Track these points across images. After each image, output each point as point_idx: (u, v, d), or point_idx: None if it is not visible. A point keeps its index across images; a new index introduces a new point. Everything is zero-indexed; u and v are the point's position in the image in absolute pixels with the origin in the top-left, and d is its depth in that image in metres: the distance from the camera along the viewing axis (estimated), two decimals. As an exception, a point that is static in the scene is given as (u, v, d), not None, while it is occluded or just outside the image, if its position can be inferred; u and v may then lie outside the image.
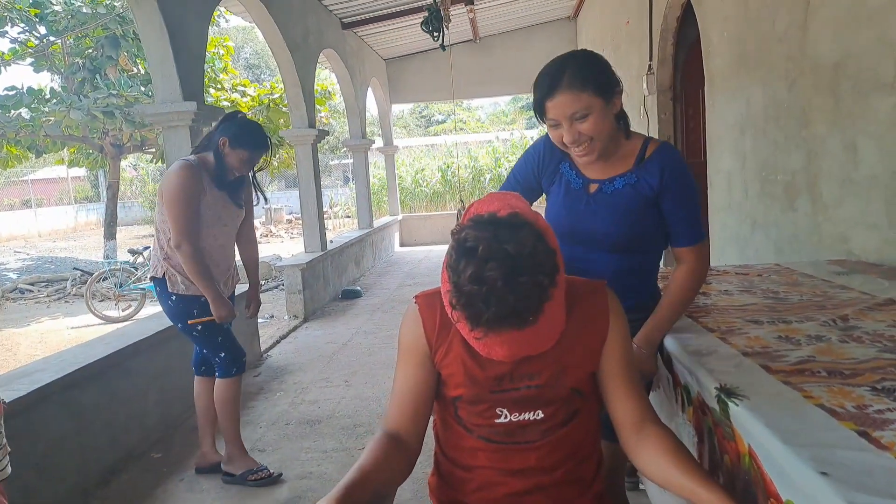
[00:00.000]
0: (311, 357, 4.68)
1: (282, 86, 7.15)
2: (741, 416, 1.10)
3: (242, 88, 10.42)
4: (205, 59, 4.30)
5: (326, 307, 6.50)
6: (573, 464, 1.20)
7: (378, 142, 11.14)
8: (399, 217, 11.65)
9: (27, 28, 10.02)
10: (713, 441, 1.30)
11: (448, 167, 15.25)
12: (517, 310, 0.96)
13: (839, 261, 2.50)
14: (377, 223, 9.94)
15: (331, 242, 7.37)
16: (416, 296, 1.24)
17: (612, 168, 1.55)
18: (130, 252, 8.51)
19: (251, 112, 10.07)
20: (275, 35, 5.76)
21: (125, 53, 9.92)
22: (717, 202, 4.19)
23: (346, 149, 9.81)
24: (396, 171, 12.14)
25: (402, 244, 11.66)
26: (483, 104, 31.50)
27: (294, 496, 2.62)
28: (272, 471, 2.76)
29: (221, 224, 2.67)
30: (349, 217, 18.41)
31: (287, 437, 3.20)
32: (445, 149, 18.97)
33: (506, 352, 1.03)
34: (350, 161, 13.74)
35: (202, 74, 4.17)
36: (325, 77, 12.13)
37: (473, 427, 1.18)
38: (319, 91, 10.52)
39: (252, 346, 4.60)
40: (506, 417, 1.16)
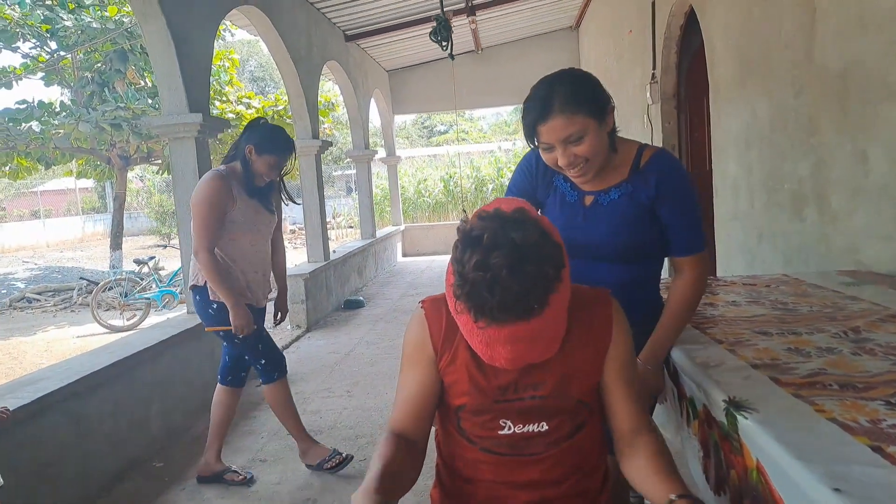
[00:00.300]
0: (314, 367, 4.65)
1: (286, 98, 7.19)
2: (750, 430, 1.07)
3: (247, 101, 10.49)
4: (210, 72, 4.33)
5: (329, 317, 6.48)
6: (579, 476, 1.18)
7: (381, 152, 11.17)
8: (402, 227, 11.65)
9: (38, 43, 10.15)
10: (720, 455, 1.27)
11: (450, 177, 15.26)
12: (522, 298, 0.94)
13: (849, 271, 2.46)
14: (380, 233, 9.95)
15: (334, 252, 7.37)
16: (423, 300, 1.23)
17: (607, 179, 1.52)
18: (136, 262, 8.55)
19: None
20: (279, 48, 5.80)
21: (133, 67, 10.02)
22: (723, 212, 4.17)
23: (349, 159, 9.83)
24: (399, 182, 12.16)
25: (405, 254, 11.66)
26: (485, 114, 31.60)
27: (296, 508, 2.59)
28: (343, 454, 2.86)
29: (256, 230, 2.71)
30: (352, 227, 18.43)
31: (289, 448, 3.17)
32: (448, 159, 19.01)
33: (508, 353, 1.00)
34: (353, 172, 13.77)
35: (208, 87, 4.19)
36: (329, 89, 12.20)
37: (476, 439, 1.16)
38: (323, 102, 10.57)
39: (255, 357, 4.58)
40: (509, 429, 1.14)
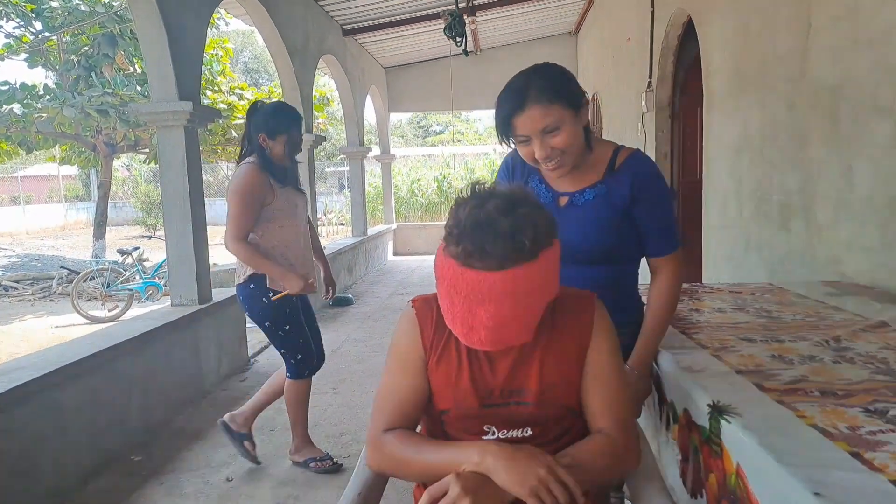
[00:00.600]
0: (299, 363, 4.62)
1: (280, 90, 7.14)
2: (733, 434, 1.09)
3: (240, 92, 10.40)
4: (202, 60, 4.28)
5: (317, 314, 6.42)
6: None
7: (375, 150, 11.13)
8: (393, 226, 11.62)
9: (23, 23, 9.98)
10: (699, 460, 1.29)
11: (444, 178, 15.26)
12: (515, 234, 0.98)
13: (832, 282, 2.50)
14: (371, 231, 9.91)
15: (324, 249, 7.32)
16: (414, 299, 1.22)
17: (582, 179, 1.52)
18: (119, 252, 8.43)
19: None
20: (275, 39, 5.75)
21: (122, 52, 9.89)
22: (712, 221, 4.20)
23: (343, 156, 9.79)
24: (392, 180, 12.13)
25: (396, 253, 11.63)
26: (481, 116, 31.58)
27: (276, 503, 2.58)
28: (334, 460, 2.84)
29: (295, 214, 2.73)
30: (343, 224, 18.34)
31: (271, 443, 3.15)
32: (442, 159, 19.00)
33: (489, 319, 1.00)
34: (346, 168, 13.73)
35: (199, 75, 4.14)
36: (324, 83, 12.14)
37: None
38: (318, 97, 10.52)
39: (239, 351, 4.54)
40: (493, 434, 1.14)
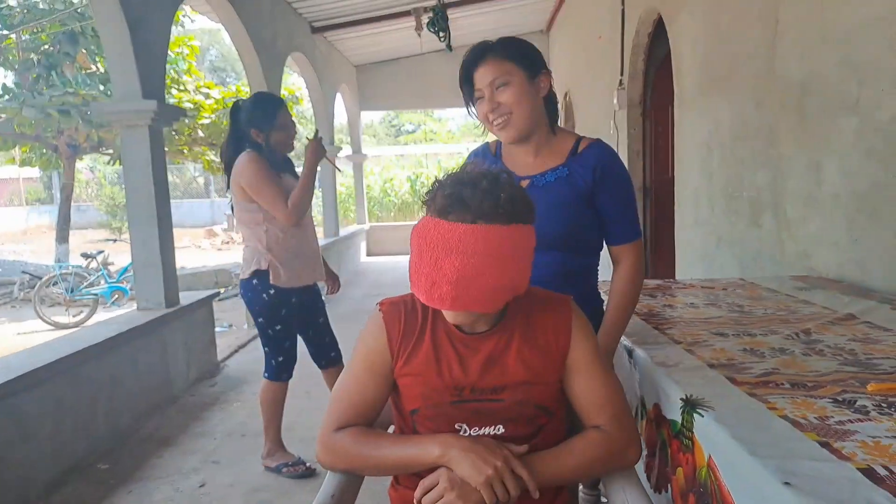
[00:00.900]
0: (272, 367, 4.54)
1: (247, 89, 7.02)
2: (706, 427, 1.11)
3: (206, 90, 10.19)
4: (166, 57, 4.18)
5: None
6: None
7: (346, 149, 11.02)
8: (366, 226, 11.54)
9: (-21, 21, 9.62)
10: (666, 454, 1.32)
11: (417, 177, 15.23)
12: (493, 191, 1.02)
13: (802, 277, 2.55)
14: (343, 232, 9.83)
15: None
16: (381, 302, 1.21)
17: (543, 163, 1.54)
18: (83, 256, 8.20)
19: (215, 115, 9.87)
20: (242, 36, 5.65)
21: (83, 51, 9.63)
22: (684, 218, 4.24)
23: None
24: (364, 180, 12.04)
25: (369, 254, 11.55)
26: (454, 115, 31.57)
27: (249, 512, 2.52)
28: (307, 465, 2.81)
29: None
30: (314, 225, 18.17)
31: (243, 449, 3.08)
32: (415, 159, 18.97)
33: (454, 272, 1.00)
34: (318, 169, 13.55)
35: (163, 72, 4.04)
36: (293, 82, 11.98)
37: None
38: (286, 95, 10.37)
39: (209, 356, 4.44)
40: (465, 432, 1.14)
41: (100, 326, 3.49)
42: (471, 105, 1.52)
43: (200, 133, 10.09)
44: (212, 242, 16.87)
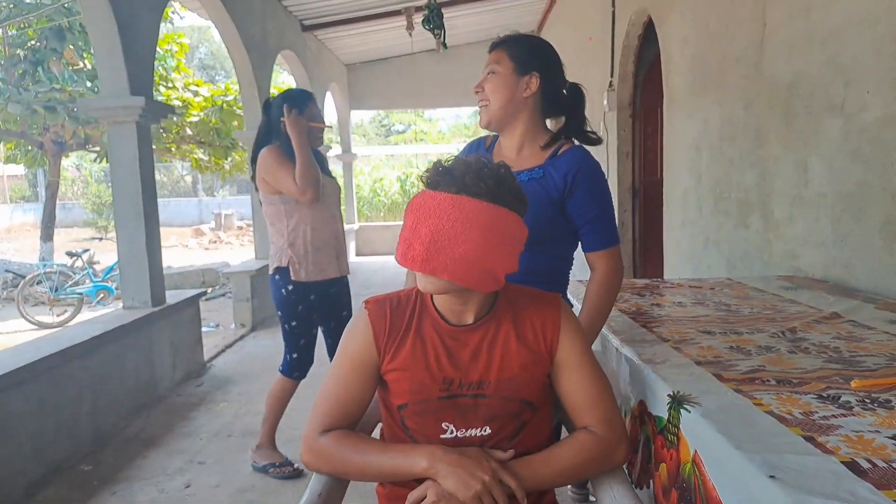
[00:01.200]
0: (259, 367, 4.51)
1: (237, 87, 6.98)
2: (692, 423, 1.12)
3: (195, 88, 10.11)
4: (155, 54, 4.14)
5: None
6: None
7: (336, 148, 10.99)
8: (355, 226, 11.50)
9: (-36, 16, 9.50)
10: (650, 450, 1.33)
11: (407, 177, 15.21)
12: (481, 170, 1.07)
13: (788, 277, 2.57)
14: (332, 231, 9.76)
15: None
16: (367, 301, 1.22)
17: (523, 161, 1.56)
18: (68, 255, 8.12)
19: (203, 113, 9.79)
20: (232, 33, 5.62)
21: (71, 46, 9.51)
22: (673, 219, 4.26)
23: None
24: (354, 180, 12.01)
25: (359, 254, 11.51)
26: (444, 115, 31.58)
27: (235, 512, 2.49)
28: (295, 466, 2.79)
29: (329, 195, 2.79)
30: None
31: (229, 450, 3.06)
32: (405, 159, 18.96)
33: (428, 232, 1.04)
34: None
35: (152, 69, 4.00)
36: (283, 80, 11.94)
37: (421, 438, 1.16)
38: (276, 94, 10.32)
39: (195, 355, 4.41)
40: (452, 433, 1.15)
41: (84, 325, 3.44)
42: None
43: (189, 131, 10.00)
44: (199, 242, 16.76)
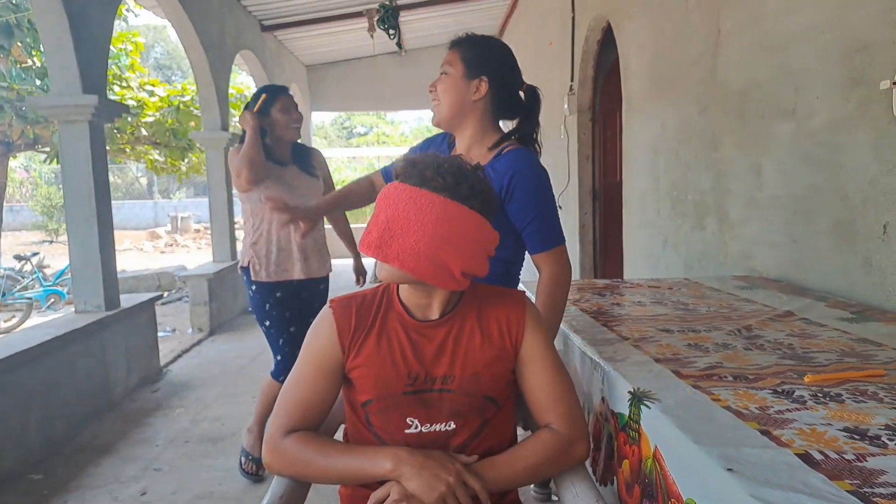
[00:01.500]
0: (216, 372, 4.41)
1: (193, 88, 6.83)
2: (652, 419, 1.14)
3: (151, 88, 9.84)
4: (109, 51, 4.01)
5: (235, 320, 6.19)
6: None
7: (296, 150, 10.83)
8: (317, 228, 11.36)
9: None
10: (612, 447, 1.35)
11: (368, 180, 15.07)
12: (441, 165, 1.10)
13: (743, 276, 2.64)
14: (293, 234, 9.64)
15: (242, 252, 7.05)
16: (332, 301, 1.21)
17: (470, 160, 1.56)
18: (17, 258, 7.82)
19: (159, 113, 9.54)
20: (189, 32, 5.49)
21: (19, 44, 9.14)
22: (632, 221, 4.34)
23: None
24: (315, 182, 11.85)
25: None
26: (407, 118, 31.53)
27: (193, 520, 2.43)
28: (261, 472, 2.74)
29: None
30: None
31: (186, 456, 2.98)
32: (367, 161, 18.83)
33: (386, 217, 1.07)
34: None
35: (105, 66, 3.88)
36: (241, 81, 11.73)
37: (385, 436, 1.16)
38: (235, 95, 10.13)
39: (151, 361, 4.28)
40: (416, 428, 1.15)
41: (33, 330, 3.31)
42: None
43: (144, 132, 9.73)
44: (154, 245, 16.32)
